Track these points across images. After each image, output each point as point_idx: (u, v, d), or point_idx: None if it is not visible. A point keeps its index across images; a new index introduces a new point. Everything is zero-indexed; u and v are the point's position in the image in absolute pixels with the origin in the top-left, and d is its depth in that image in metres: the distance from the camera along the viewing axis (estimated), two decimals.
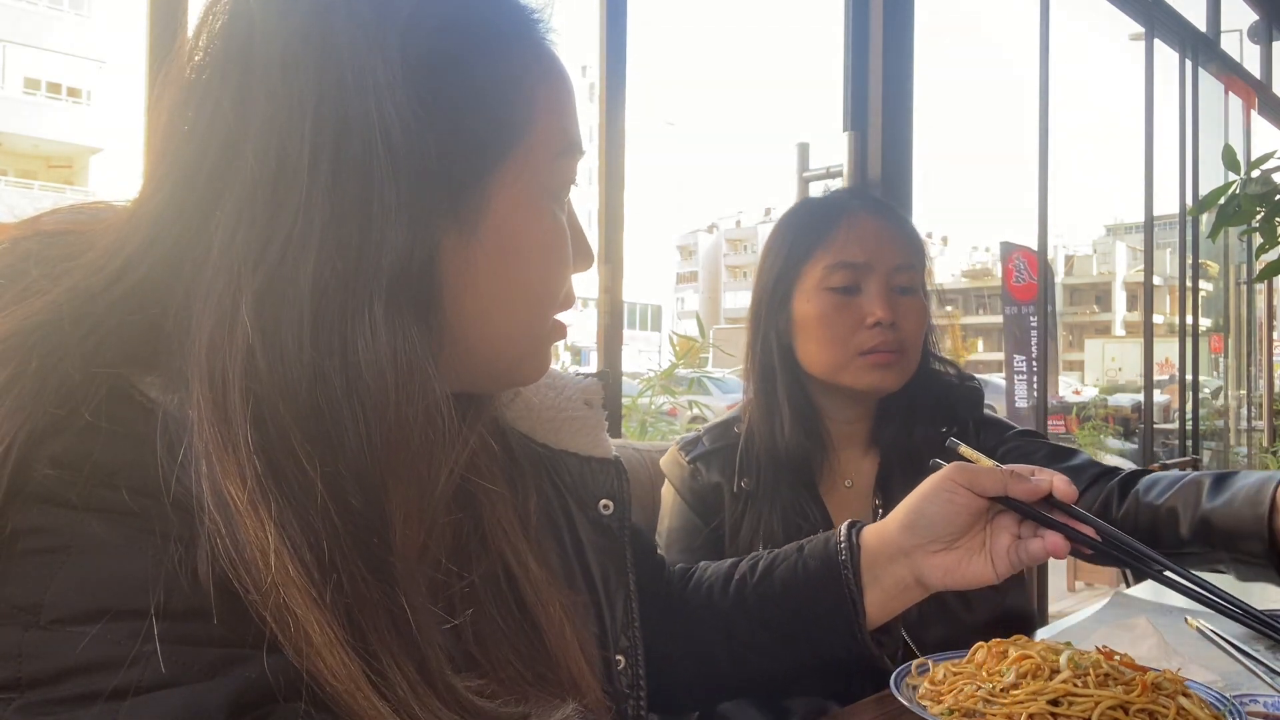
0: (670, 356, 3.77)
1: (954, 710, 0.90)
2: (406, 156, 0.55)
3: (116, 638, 0.46)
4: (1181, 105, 5.46)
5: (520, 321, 0.65)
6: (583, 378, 0.85)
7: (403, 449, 0.55)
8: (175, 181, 0.56)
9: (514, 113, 0.61)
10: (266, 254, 0.53)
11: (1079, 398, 14.84)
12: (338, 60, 0.55)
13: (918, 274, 1.34)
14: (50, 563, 0.48)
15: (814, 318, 1.32)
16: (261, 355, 0.52)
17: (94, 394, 0.51)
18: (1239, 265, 6.73)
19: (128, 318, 0.54)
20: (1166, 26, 5.21)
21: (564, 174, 0.65)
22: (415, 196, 0.56)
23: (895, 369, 1.31)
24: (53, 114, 25.87)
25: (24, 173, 26.37)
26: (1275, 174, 2.26)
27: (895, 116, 2.88)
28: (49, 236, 0.59)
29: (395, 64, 0.55)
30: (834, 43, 2.98)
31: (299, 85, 0.54)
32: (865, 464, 1.40)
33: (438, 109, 0.57)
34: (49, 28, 25.71)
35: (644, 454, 1.93)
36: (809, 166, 3.10)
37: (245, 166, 0.54)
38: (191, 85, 0.57)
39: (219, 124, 0.55)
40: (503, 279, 0.63)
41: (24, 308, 0.53)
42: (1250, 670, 1.19)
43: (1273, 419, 7.29)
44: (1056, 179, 5.78)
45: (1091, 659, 0.92)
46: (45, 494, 0.48)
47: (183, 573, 0.49)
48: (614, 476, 0.82)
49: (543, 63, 0.64)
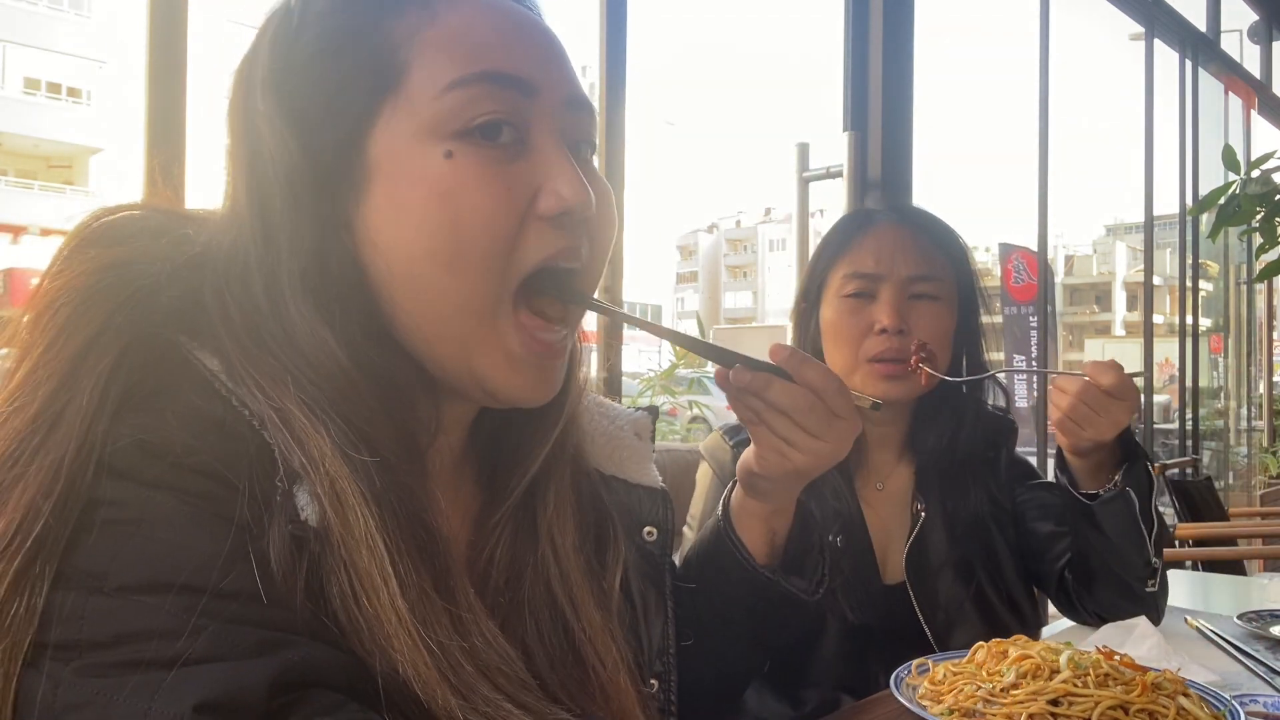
0: (670, 356, 3.77)
1: (954, 710, 0.90)
2: (283, 157, 0.60)
3: (174, 609, 0.49)
4: (1181, 105, 5.45)
5: (455, 278, 0.59)
6: (635, 410, 0.85)
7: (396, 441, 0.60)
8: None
9: (379, 69, 0.60)
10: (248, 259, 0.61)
11: None
12: (247, 91, 0.63)
13: (941, 283, 1.35)
14: (121, 534, 0.50)
15: (831, 323, 1.37)
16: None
17: (168, 360, 0.56)
18: (1239, 265, 6.72)
19: (184, 289, 0.59)
20: (1166, 26, 5.21)
21: (459, 107, 0.59)
22: (302, 190, 0.60)
23: (905, 380, 1.32)
24: (53, 114, 25.85)
25: (24, 173, 26.36)
26: (1275, 174, 2.26)
27: (895, 116, 2.88)
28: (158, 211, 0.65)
29: (264, 75, 0.62)
30: (834, 43, 2.98)
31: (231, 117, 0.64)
32: (900, 468, 1.42)
33: (315, 94, 0.61)
34: (49, 28, 25.69)
35: None
36: (809, 166, 3.10)
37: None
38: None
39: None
40: (414, 233, 0.59)
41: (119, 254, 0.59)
42: (1250, 670, 1.19)
43: (1273, 419, 7.29)
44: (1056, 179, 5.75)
45: (1091, 659, 0.92)
46: (126, 469, 0.51)
47: (241, 557, 0.51)
48: (660, 505, 0.83)
49: (428, 9, 0.61)
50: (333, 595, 0.54)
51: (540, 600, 0.68)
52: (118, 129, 23.51)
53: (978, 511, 1.38)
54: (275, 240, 0.60)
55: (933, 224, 1.41)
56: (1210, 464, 6.22)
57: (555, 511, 0.70)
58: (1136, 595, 1.30)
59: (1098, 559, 1.28)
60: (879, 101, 2.85)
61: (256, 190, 0.61)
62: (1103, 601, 1.32)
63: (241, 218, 0.61)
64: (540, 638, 0.66)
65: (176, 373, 0.56)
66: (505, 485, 0.69)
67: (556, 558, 0.69)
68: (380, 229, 0.61)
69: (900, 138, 2.90)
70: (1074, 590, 1.35)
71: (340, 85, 0.61)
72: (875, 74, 2.86)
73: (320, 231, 0.60)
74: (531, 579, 0.68)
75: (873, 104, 2.86)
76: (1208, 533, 3.08)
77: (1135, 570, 1.28)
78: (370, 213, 0.61)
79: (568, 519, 0.71)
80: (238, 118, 0.63)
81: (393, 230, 0.60)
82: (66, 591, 0.48)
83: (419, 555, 0.56)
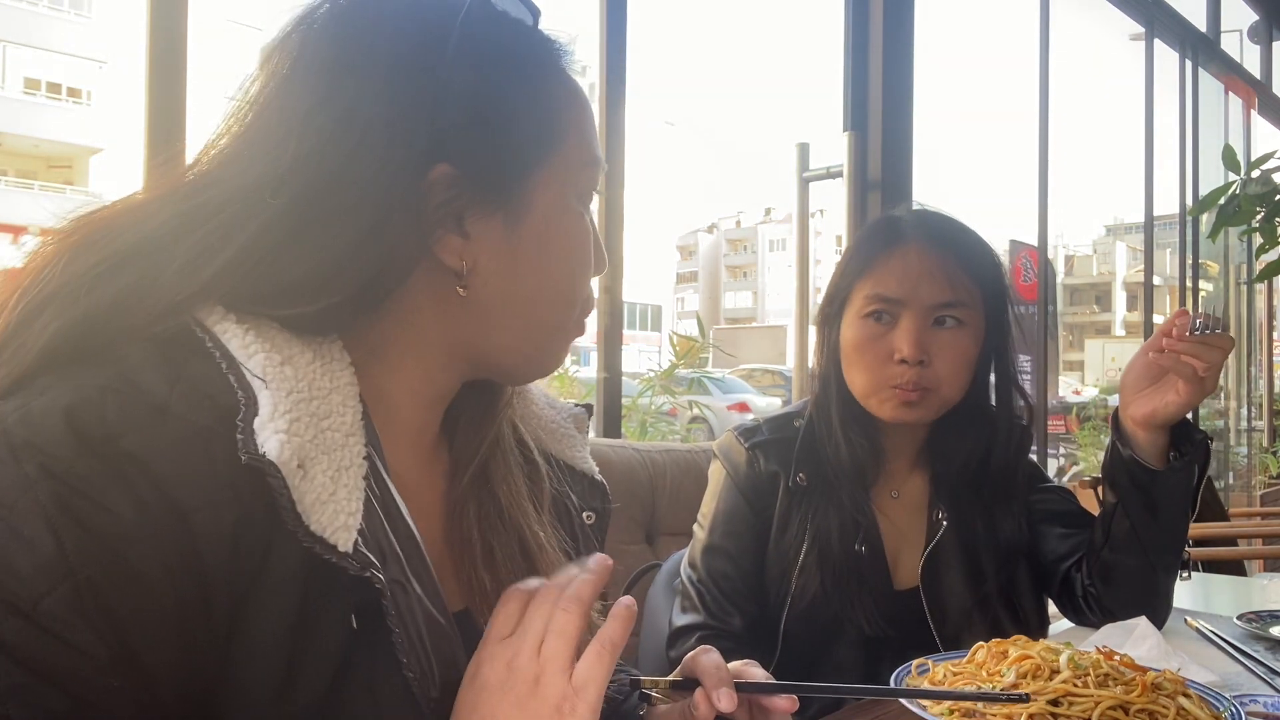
0: (670, 356, 3.76)
1: (954, 710, 0.90)
2: (458, 160, 0.66)
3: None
4: (1181, 105, 5.46)
5: (546, 311, 0.73)
6: (573, 405, 0.93)
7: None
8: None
9: (549, 127, 0.71)
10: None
11: (1079, 398, 14.83)
12: (373, 96, 0.64)
13: (966, 308, 1.30)
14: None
15: (851, 343, 1.32)
16: None
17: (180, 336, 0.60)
18: (1239, 265, 6.72)
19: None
20: (1166, 26, 5.21)
21: (589, 182, 0.75)
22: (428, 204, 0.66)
23: (920, 407, 1.30)
24: (53, 114, 25.83)
25: (24, 173, 26.35)
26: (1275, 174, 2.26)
27: (895, 116, 2.88)
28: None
29: (432, 95, 0.65)
30: (834, 43, 2.98)
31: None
32: (915, 477, 1.40)
33: (483, 123, 0.67)
34: (49, 28, 25.68)
35: (644, 454, 1.93)
36: (809, 166, 3.10)
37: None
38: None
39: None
40: (537, 270, 0.71)
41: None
42: (1250, 670, 1.19)
43: (1273, 419, 7.29)
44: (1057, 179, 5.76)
45: (1091, 659, 0.92)
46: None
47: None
48: (600, 497, 0.89)
49: (568, 86, 0.73)
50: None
51: (510, 540, 0.77)
52: (118, 129, 23.50)
53: (1001, 524, 1.37)
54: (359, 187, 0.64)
55: (963, 245, 1.34)
56: (1210, 464, 6.21)
57: (504, 465, 0.80)
58: (1156, 589, 1.30)
59: (1132, 545, 1.27)
60: (879, 101, 2.85)
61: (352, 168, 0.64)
62: (1119, 597, 1.30)
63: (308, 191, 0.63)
64: (515, 575, 0.75)
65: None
66: (468, 447, 0.79)
67: (514, 502, 0.79)
68: (511, 254, 0.70)
69: (900, 138, 2.90)
70: (1087, 589, 1.33)
71: (513, 121, 0.68)
72: (875, 74, 2.86)
73: (409, 221, 0.65)
74: (500, 526, 0.77)
75: (873, 104, 2.86)
76: (1208, 533, 3.08)
77: (1168, 557, 1.28)
78: (506, 235, 0.69)
79: (515, 469, 0.81)
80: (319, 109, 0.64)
81: (525, 258, 0.70)
82: None
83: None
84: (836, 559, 1.30)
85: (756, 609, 1.34)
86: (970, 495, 1.37)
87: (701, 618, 1.33)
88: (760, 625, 1.33)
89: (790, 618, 1.31)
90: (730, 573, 1.35)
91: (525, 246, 0.70)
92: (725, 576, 1.35)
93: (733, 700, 0.77)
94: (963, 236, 1.36)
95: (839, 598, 1.28)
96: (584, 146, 0.73)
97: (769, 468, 1.37)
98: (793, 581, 1.31)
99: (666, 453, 1.96)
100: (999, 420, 1.38)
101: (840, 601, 1.28)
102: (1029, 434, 1.44)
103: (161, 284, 0.60)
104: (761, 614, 1.34)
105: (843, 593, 1.29)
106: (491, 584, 0.74)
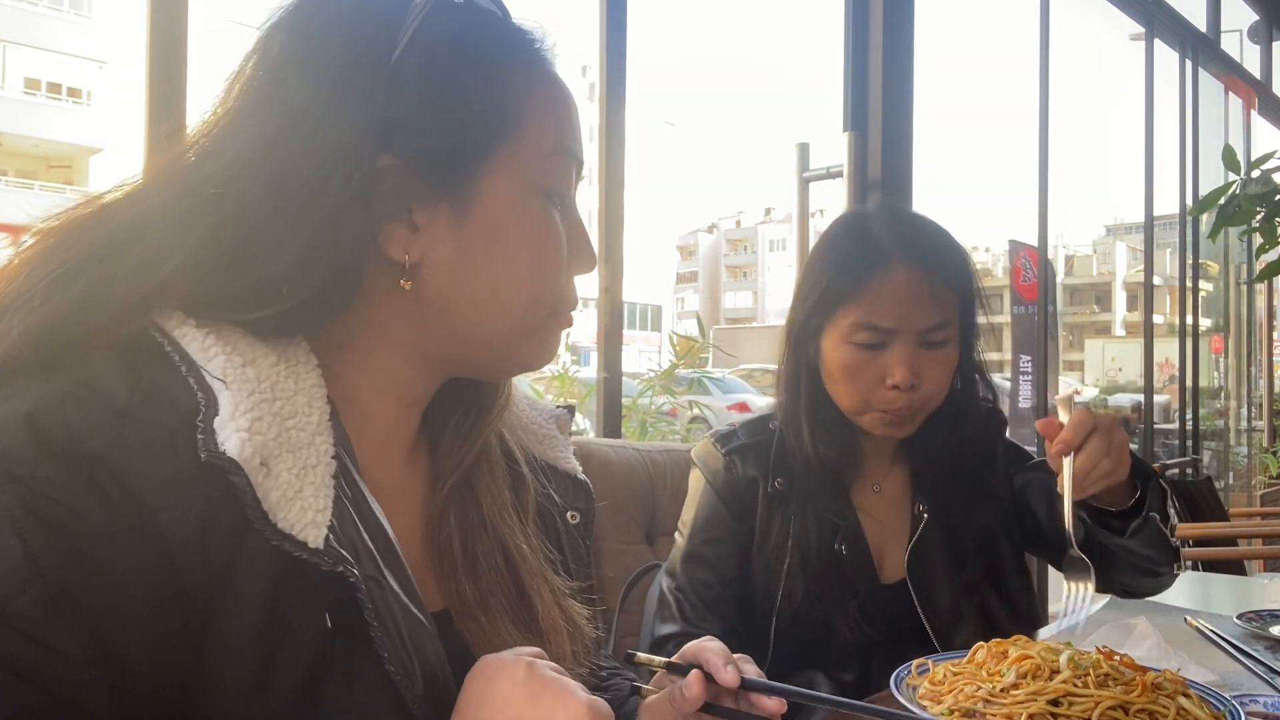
0: (670, 356, 3.76)
1: (954, 710, 0.90)
2: (402, 148, 0.65)
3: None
4: (1181, 105, 5.45)
5: (511, 308, 0.71)
6: (555, 406, 0.94)
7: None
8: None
9: (501, 116, 0.69)
10: None
11: (1079, 398, 14.80)
12: (331, 80, 0.65)
13: (952, 326, 1.31)
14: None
15: (838, 366, 1.31)
16: None
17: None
18: (1239, 265, 6.72)
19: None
20: (1166, 26, 5.21)
21: (555, 173, 0.71)
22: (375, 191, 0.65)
23: (910, 423, 1.33)
24: (53, 114, 25.82)
25: (24, 173, 26.32)
26: (1275, 174, 2.27)
27: (895, 116, 2.88)
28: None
29: (384, 87, 0.65)
30: (834, 43, 2.98)
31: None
32: (895, 470, 1.42)
33: (429, 111, 0.66)
34: (49, 28, 25.67)
35: (644, 454, 1.93)
36: (809, 166, 3.10)
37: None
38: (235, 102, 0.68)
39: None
40: (493, 263, 0.69)
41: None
42: (1250, 670, 1.19)
43: (1273, 419, 7.29)
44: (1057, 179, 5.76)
45: (1091, 659, 0.92)
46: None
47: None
48: (583, 496, 0.89)
49: (535, 76, 0.71)
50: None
51: (493, 549, 0.77)
52: (118, 129, 23.48)
53: (980, 510, 1.38)
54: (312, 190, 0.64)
55: (944, 257, 1.33)
56: (1210, 464, 6.21)
57: (489, 476, 0.79)
58: (1158, 575, 1.33)
59: (1121, 557, 1.29)
60: (879, 101, 2.85)
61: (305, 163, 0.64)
62: (1124, 582, 1.34)
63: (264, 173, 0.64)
64: (498, 584, 0.75)
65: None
66: (453, 457, 0.78)
67: (498, 513, 0.78)
68: (459, 245, 0.68)
69: (900, 138, 2.90)
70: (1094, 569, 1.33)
71: (462, 109, 0.67)
72: (875, 74, 2.86)
73: (361, 218, 0.65)
74: (482, 535, 0.76)
75: (873, 104, 2.86)
76: (1208, 533, 3.08)
77: (1159, 563, 1.30)
78: (453, 226, 0.68)
79: (499, 480, 0.80)
80: (276, 94, 0.65)
81: (475, 250, 0.69)
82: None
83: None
84: (818, 561, 1.31)
85: (736, 616, 1.34)
86: (949, 484, 1.38)
87: (679, 626, 1.33)
88: (749, 629, 1.33)
89: (780, 621, 1.31)
90: (710, 580, 1.35)
91: (475, 238, 0.68)
92: (705, 584, 1.35)
93: (736, 676, 0.79)
94: (939, 244, 1.35)
95: (825, 599, 1.29)
96: (547, 137, 0.71)
97: (747, 473, 1.38)
98: (779, 586, 1.32)
99: (666, 453, 1.96)
100: (969, 410, 1.40)
101: (826, 602, 1.29)
102: (999, 415, 1.46)
103: (116, 289, 0.60)
104: (748, 619, 1.34)
105: (828, 594, 1.30)
106: (472, 591, 0.73)
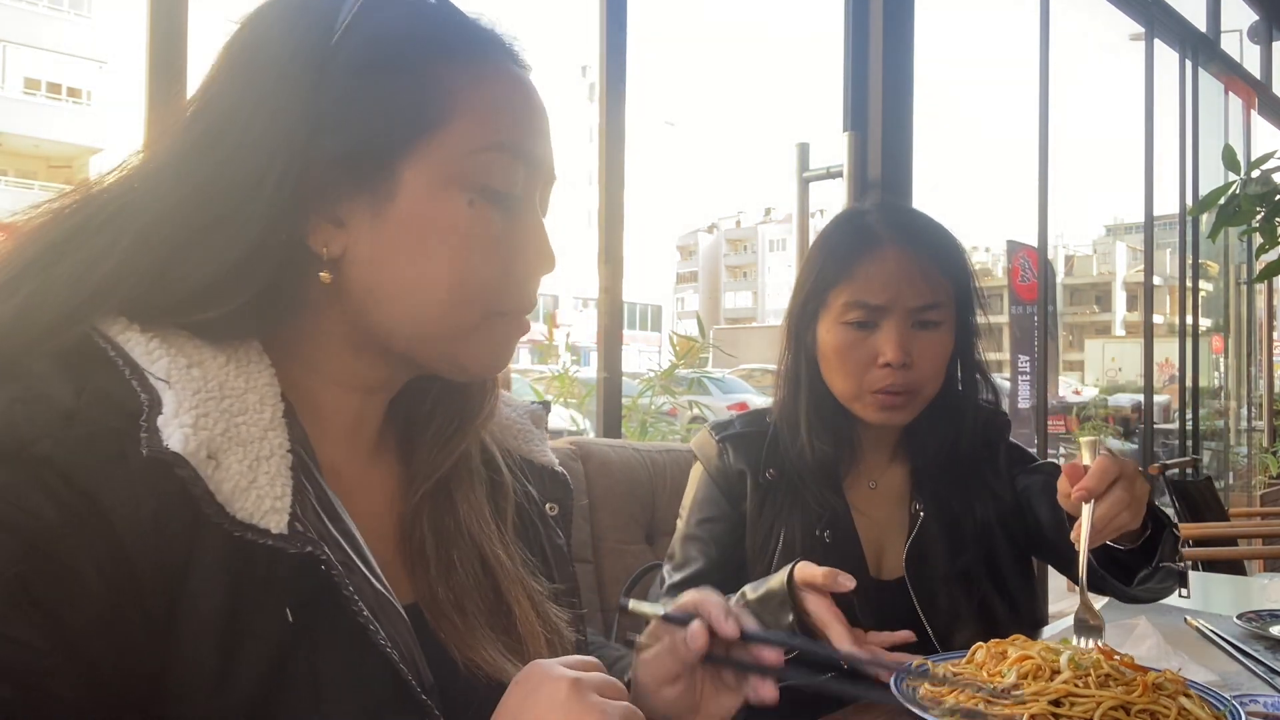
0: (670, 356, 3.76)
1: (955, 711, 0.90)
2: (322, 140, 0.65)
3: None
4: (1181, 105, 5.45)
5: (438, 306, 0.69)
6: (530, 402, 0.94)
7: None
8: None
9: (425, 108, 0.67)
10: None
11: (1079, 398, 14.84)
12: (264, 68, 0.66)
13: (944, 308, 1.33)
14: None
15: (831, 348, 1.34)
16: None
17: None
18: (1239, 265, 6.72)
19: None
20: (1166, 26, 5.21)
21: (489, 169, 0.69)
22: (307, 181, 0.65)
23: (905, 409, 1.33)
24: (53, 114, 25.84)
25: (24, 173, 26.32)
26: (1275, 174, 2.27)
27: (895, 116, 2.88)
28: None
29: (315, 84, 0.65)
30: (834, 43, 2.98)
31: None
32: (893, 468, 1.43)
33: (352, 106, 0.65)
34: (49, 28, 25.68)
35: (644, 454, 1.93)
36: (809, 166, 3.10)
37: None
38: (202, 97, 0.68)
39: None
40: (416, 259, 0.68)
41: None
42: (1250, 670, 1.19)
43: (1273, 419, 7.29)
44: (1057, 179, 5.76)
45: (1092, 659, 0.92)
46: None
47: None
48: (561, 488, 0.89)
49: (472, 70, 0.69)
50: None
51: (469, 555, 0.76)
52: (118, 129, 23.47)
53: (979, 510, 1.39)
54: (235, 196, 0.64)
55: (937, 244, 1.36)
56: (1210, 464, 6.21)
57: (468, 482, 0.79)
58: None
59: (1128, 595, 1.29)
60: (879, 101, 2.85)
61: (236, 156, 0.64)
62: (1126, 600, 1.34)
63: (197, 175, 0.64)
64: (475, 589, 0.75)
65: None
66: (430, 462, 0.77)
67: (475, 518, 0.78)
68: (377, 240, 0.67)
69: (900, 138, 2.90)
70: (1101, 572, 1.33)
71: (383, 103, 0.66)
72: (875, 74, 2.85)
73: (294, 216, 0.65)
74: (459, 541, 0.76)
75: (873, 104, 2.86)
76: (1208, 533, 3.08)
77: (1165, 595, 1.32)
78: (372, 221, 0.67)
79: (478, 486, 0.80)
80: (234, 87, 0.66)
81: (393, 245, 0.67)
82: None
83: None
84: (802, 549, 1.32)
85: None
86: (948, 482, 1.39)
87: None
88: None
89: None
90: (697, 557, 1.37)
91: (394, 233, 0.67)
92: (694, 563, 1.37)
93: (736, 628, 0.79)
94: (934, 235, 1.38)
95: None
96: (480, 131, 0.68)
97: (736, 464, 1.40)
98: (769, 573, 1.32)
99: (666, 453, 1.96)
100: (967, 407, 1.40)
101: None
102: (1002, 416, 1.47)
103: (52, 296, 0.60)
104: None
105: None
106: (445, 593, 0.74)
